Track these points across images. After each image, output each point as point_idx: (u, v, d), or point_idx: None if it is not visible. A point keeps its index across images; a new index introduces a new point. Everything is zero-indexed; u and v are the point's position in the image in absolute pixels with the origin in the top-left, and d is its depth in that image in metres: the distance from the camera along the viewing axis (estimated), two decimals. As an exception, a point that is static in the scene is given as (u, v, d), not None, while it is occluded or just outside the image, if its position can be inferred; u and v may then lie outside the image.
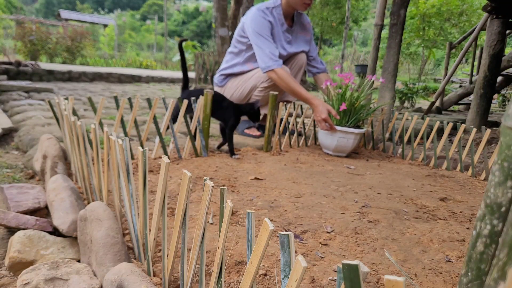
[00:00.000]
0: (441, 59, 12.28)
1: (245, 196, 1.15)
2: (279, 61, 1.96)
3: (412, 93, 4.52)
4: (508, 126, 0.35)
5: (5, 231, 0.92)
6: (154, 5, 31.23)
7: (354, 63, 12.86)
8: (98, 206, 0.79)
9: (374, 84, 1.93)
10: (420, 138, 1.99)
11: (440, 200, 1.26)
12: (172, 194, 1.14)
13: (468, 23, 6.22)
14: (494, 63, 2.92)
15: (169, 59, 14.63)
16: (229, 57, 2.24)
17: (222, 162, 1.55)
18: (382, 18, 2.43)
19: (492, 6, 2.86)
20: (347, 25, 8.79)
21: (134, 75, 6.60)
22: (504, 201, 0.35)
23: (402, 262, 0.81)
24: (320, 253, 0.81)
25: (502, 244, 0.33)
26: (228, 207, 0.50)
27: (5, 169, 1.43)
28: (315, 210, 1.06)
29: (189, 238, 0.82)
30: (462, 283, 0.40)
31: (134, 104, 1.48)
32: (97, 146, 0.96)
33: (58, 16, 18.11)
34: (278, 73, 1.93)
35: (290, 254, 0.41)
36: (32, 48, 8.91)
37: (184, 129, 2.24)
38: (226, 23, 5.13)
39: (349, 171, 1.57)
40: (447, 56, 4.53)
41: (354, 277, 0.31)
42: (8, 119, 2.17)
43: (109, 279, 0.62)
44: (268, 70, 1.96)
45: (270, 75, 1.97)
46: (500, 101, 6.04)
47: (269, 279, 0.70)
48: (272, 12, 2.06)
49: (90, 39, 10.77)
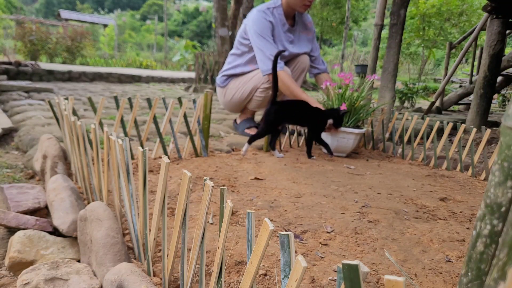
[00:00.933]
0: (441, 59, 12.28)
1: (245, 196, 1.15)
2: (281, 63, 1.95)
3: (412, 93, 4.53)
4: (508, 126, 0.35)
5: (5, 231, 0.92)
6: (154, 5, 31.23)
7: (354, 63, 12.86)
8: (98, 206, 0.79)
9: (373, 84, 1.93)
10: (420, 138, 1.99)
11: (440, 200, 1.26)
12: (172, 194, 1.14)
13: (468, 23, 6.22)
14: (494, 63, 2.92)
15: (169, 59, 14.63)
16: (231, 59, 2.25)
17: (222, 162, 1.55)
18: (382, 18, 2.43)
19: (492, 6, 2.86)
20: (347, 25, 8.79)
21: (134, 75, 6.60)
22: (504, 201, 0.35)
23: (402, 262, 0.81)
24: (320, 253, 0.81)
25: (502, 244, 0.33)
26: (228, 207, 0.50)
27: (5, 169, 1.43)
28: (315, 210, 1.06)
29: (189, 238, 0.82)
30: (462, 283, 0.40)
31: (134, 104, 1.48)
32: (97, 146, 0.96)
33: (58, 16, 18.11)
34: (279, 76, 1.93)
35: (290, 254, 0.41)
36: (32, 48, 8.91)
37: (184, 129, 2.24)
38: (226, 23, 5.13)
39: (349, 171, 1.57)
40: (447, 56, 4.53)
41: (354, 277, 0.31)
42: (8, 119, 2.17)
43: (109, 279, 0.62)
44: (269, 72, 1.95)
45: (271, 78, 1.96)
46: (500, 101, 6.04)
47: (269, 279, 0.70)
48: (273, 12, 2.06)
49: (90, 39, 10.78)
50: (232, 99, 2.24)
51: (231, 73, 2.23)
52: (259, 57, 1.98)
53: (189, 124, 1.58)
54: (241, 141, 1.99)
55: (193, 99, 1.58)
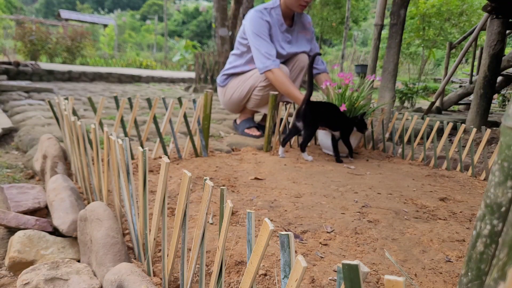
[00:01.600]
0: (441, 59, 12.28)
1: (245, 196, 1.15)
2: (276, 61, 1.96)
3: (412, 93, 4.52)
4: (508, 126, 0.35)
5: (5, 231, 0.92)
6: (154, 5, 31.22)
7: (354, 63, 12.85)
8: (98, 206, 0.79)
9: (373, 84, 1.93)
10: (420, 138, 1.99)
11: (440, 200, 1.26)
12: (172, 194, 1.14)
13: (468, 23, 6.22)
14: (494, 63, 2.92)
15: (169, 59, 14.63)
16: (232, 59, 2.26)
17: (222, 162, 1.55)
18: (382, 18, 2.43)
19: (492, 6, 2.86)
20: (347, 25, 8.79)
21: (134, 75, 6.60)
22: (504, 201, 0.35)
23: (402, 262, 0.81)
24: (320, 253, 0.81)
25: (502, 244, 0.33)
26: (228, 207, 0.50)
27: (5, 169, 1.43)
28: (315, 210, 1.06)
29: (189, 238, 0.82)
30: (462, 283, 0.40)
31: (134, 104, 1.48)
32: (97, 146, 0.96)
33: (58, 16, 18.10)
34: (274, 73, 1.94)
35: (290, 254, 0.41)
36: (32, 48, 8.91)
37: (184, 129, 2.24)
38: (226, 23, 5.13)
39: (349, 171, 1.57)
40: (447, 56, 4.53)
41: (354, 277, 0.31)
42: (8, 119, 2.17)
43: (109, 279, 0.62)
44: (265, 70, 1.96)
45: (267, 75, 1.97)
46: (500, 101, 6.03)
47: (269, 279, 0.70)
48: (270, 12, 2.07)
49: (90, 39, 10.77)
50: (231, 98, 2.24)
51: (231, 72, 2.24)
52: (256, 56, 1.99)
53: (189, 124, 1.58)
54: (241, 141, 1.99)
55: (193, 99, 1.58)
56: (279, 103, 1.88)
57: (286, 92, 1.92)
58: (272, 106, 1.75)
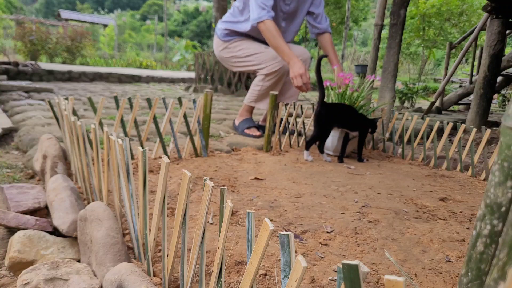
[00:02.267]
0: (441, 59, 12.28)
1: (245, 196, 1.15)
2: (271, 12, 1.94)
3: (412, 93, 4.52)
4: (508, 126, 0.35)
5: (5, 231, 0.92)
6: (154, 5, 31.23)
7: (354, 63, 12.85)
8: (98, 206, 0.79)
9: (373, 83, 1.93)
10: (420, 138, 1.99)
11: (440, 200, 1.26)
12: (172, 194, 1.14)
13: (468, 23, 6.22)
14: (494, 63, 2.92)
15: (169, 59, 14.63)
16: (234, 11, 2.23)
17: (222, 162, 1.55)
18: (382, 18, 2.43)
19: (492, 6, 2.86)
20: (347, 25, 8.78)
21: (134, 75, 6.60)
22: (504, 201, 0.35)
23: (402, 262, 0.81)
24: (320, 253, 0.81)
25: (502, 244, 0.33)
26: (228, 207, 0.50)
27: (5, 169, 1.43)
28: (315, 210, 1.06)
29: (189, 238, 0.82)
30: (462, 283, 0.40)
31: (134, 104, 1.48)
32: (97, 146, 0.96)
33: (58, 16, 18.10)
34: (266, 24, 1.93)
35: (290, 254, 0.41)
36: (32, 48, 8.91)
37: (184, 129, 2.24)
38: (226, 23, 5.11)
39: (349, 171, 1.57)
40: (447, 56, 4.52)
41: (354, 277, 0.31)
42: (8, 119, 2.17)
43: (109, 279, 0.62)
44: (258, 21, 1.94)
45: (260, 26, 1.96)
46: (500, 101, 6.03)
47: (269, 279, 0.70)
48: None
49: (90, 39, 10.77)
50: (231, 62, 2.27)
51: (232, 29, 2.21)
52: (252, 6, 1.97)
53: (189, 124, 1.58)
54: (241, 141, 1.99)
55: (193, 99, 1.58)
56: (279, 103, 1.88)
57: (276, 45, 1.92)
58: (272, 106, 1.75)
